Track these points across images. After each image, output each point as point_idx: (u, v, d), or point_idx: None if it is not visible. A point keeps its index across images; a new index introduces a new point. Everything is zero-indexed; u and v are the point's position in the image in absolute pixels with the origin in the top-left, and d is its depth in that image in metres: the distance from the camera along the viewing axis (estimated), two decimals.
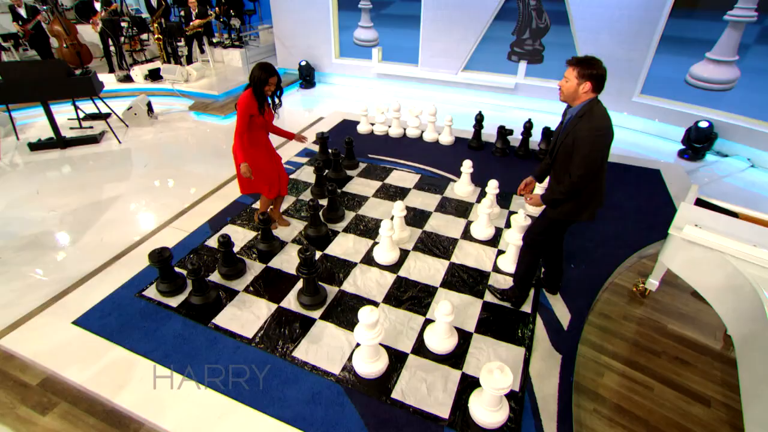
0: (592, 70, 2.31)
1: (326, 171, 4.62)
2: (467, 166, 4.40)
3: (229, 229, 3.94)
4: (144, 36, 9.50)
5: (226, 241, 3.21)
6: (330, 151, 4.73)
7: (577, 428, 2.41)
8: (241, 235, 3.85)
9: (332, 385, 2.56)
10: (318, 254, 3.62)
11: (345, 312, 3.06)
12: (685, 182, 4.92)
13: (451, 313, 2.60)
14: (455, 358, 2.72)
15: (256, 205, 4.27)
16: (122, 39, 8.79)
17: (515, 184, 3.71)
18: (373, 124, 6.05)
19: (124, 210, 4.67)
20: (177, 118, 7.17)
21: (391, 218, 3.67)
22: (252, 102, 3.20)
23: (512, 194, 4.42)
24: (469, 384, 2.56)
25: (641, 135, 6.63)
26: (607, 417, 2.54)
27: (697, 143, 5.85)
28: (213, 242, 3.77)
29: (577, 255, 3.66)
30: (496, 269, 3.49)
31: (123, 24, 8.85)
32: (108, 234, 4.25)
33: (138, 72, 8.07)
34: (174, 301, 3.14)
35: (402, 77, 8.23)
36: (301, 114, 7.55)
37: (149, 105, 7.00)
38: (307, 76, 8.41)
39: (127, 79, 8.25)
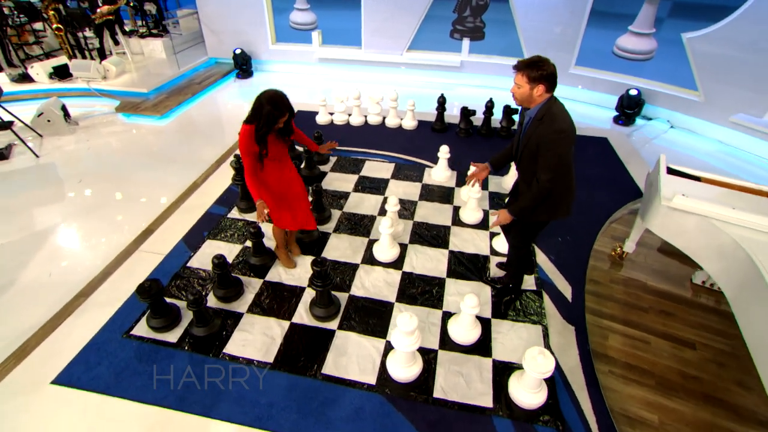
0: (541, 72, 2.24)
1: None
2: (444, 151, 4.44)
3: (211, 246, 3.61)
4: (38, 25, 8.09)
5: (222, 262, 2.93)
6: (298, 147, 4.49)
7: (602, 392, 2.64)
8: (225, 251, 3.54)
9: (372, 396, 2.51)
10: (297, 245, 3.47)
11: (362, 317, 2.99)
12: (627, 147, 5.43)
13: (477, 305, 2.65)
14: (482, 347, 2.80)
15: (252, 216, 3.94)
16: (6, 30, 7.39)
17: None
18: (332, 114, 5.82)
19: (68, 237, 4.05)
20: (103, 122, 6.30)
21: (385, 213, 3.60)
22: (253, 141, 2.65)
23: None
24: (501, 369, 2.66)
25: (580, 104, 7.13)
26: (621, 376, 2.80)
27: (629, 109, 6.44)
28: (196, 263, 3.44)
29: (559, 228, 3.89)
30: (493, 252, 3.61)
31: (5, 11, 7.42)
32: (56, 268, 3.68)
33: (39, 70, 6.89)
34: (171, 336, 2.83)
35: (346, 61, 7.95)
36: (242, 107, 7.01)
37: (64, 109, 6.05)
38: (243, 65, 7.79)
39: (25, 78, 7.03)
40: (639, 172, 4.81)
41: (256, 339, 2.82)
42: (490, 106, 5.30)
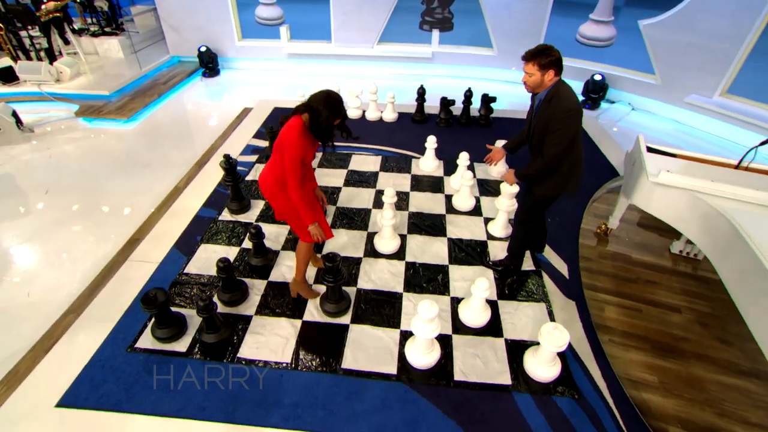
0: (550, 58, 2.41)
1: None
2: (431, 141, 4.50)
3: (206, 250, 3.49)
4: None
5: (227, 266, 2.85)
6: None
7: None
8: (222, 254, 3.44)
9: (395, 385, 2.54)
10: (318, 256, 3.43)
11: (373, 309, 3.01)
12: (598, 129, 5.72)
13: (488, 288, 2.73)
14: (493, 328, 2.90)
15: (245, 217, 3.84)
16: None
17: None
18: None
19: (42, 253, 3.78)
20: (61, 128, 5.88)
21: (381, 206, 3.62)
22: (308, 141, 2.41)
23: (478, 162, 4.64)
24: (514, 347, 2.77)
25: None
26: (620, 343, 2.99)
27: (594, 94, 6.77)
28: (193, 269, 3.32)
29: (549, 210, 4.05)
30: (490, 237, 3.72)
31: None
32: (34, 287, 3.43)
33: None
34: (180, 345, 2.74)
35: (316, 55, 7.84)
36: (211, 107, 6.77)
37: (15, 115, 5.59)
38: (209, 63, 7.50)
39: None
40: (612, 152, 5.09)
41: (270, 340, 2.77)
42: (468, 95, 5.41)
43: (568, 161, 2.65)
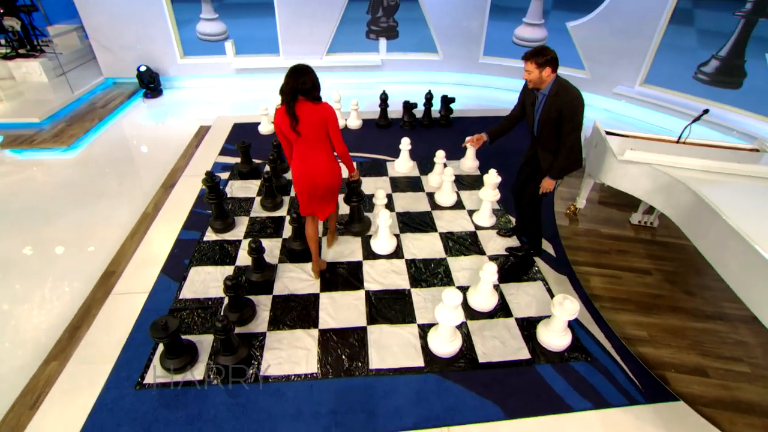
0: (546, 57, 2.69)
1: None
2: (406, 143, 4.64)
3: (199, 272, 3.31)
4: None
5: (236, 284, 2.74)
6: (270, 158, 4.29)
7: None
8: (218, 274, 3.29)
9: (426, 377, 2.60)
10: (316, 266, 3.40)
11: (386, 309, 3.05)
12: None
13: (496, 272, 2.90)
14: (502, 309, 3.07)
15: (229, 235, 3.67)
16: None
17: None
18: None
19: (6, 298, 3.35)
20: None
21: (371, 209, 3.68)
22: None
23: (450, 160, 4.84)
24: (525, 324, 2.96)
25: (491, 90, 7.91)
26: (610, 308, 3.29)
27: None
28: (189, 293, 3.13)
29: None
30: (477, 227, 3.91)
31: None
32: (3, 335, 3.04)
33: None
34: (195, 374, 2.58)
35: (264, 69, 7.70)
36: (161, 128, 6.38)
37: None
38: (150, 84, 7.07)
39: None
40: None
41: (290, 354, 2.71)
42: (429, 98, 5.64)
43: (578, 146, 2.94)
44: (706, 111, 3.61)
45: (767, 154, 3.56)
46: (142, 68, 6.89)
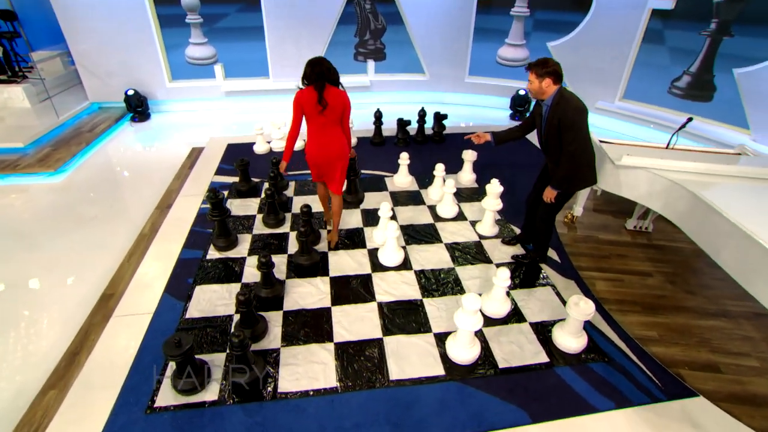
0: (546, 69, 2.77)
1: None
2: (404, 158, 4.69)
3: (205, 291, 3.21)
4: None
5: (248, 299, 2.67)
6: (270, 174, 4.26)
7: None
8: (222, 294, 3.20)
9: (448, 385, 2.56)
10: (327, 279, 3.36)
11: (400, 319, 3.01)
12: (532, 135, 6.41)
13: (509, 278, 2.91)
14: (515, 315, 3.07)
15: (233, 253, 3.57)
16: None
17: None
18: (269, 142, 5.64)
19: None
20: None
21: (375, 224, 3.68)
22: None
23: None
24: (540, 329, 2.96)
25: (478, 108, 8.14)
26: (618, 310, 3.34)
27: (520, 107, 7.62)
28: (195, 312, 3.03)
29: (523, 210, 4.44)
30: (481, 237, 3.95)
31: None
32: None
33: None
34: (209, 394, 2.46)
35: (254, 92, 7.75)
36: (151, 151, 6.29)
37: None
38: (138, 108, 7.00)
39: None
40: None
41: (308, 369, 2.63)
42: (422, 115, 5.76)
43: (585, 158, 2.99)
44: (690, 119, 3.81)
45: (749, 156, 3.76)
46: (130, 92, 6.83)
